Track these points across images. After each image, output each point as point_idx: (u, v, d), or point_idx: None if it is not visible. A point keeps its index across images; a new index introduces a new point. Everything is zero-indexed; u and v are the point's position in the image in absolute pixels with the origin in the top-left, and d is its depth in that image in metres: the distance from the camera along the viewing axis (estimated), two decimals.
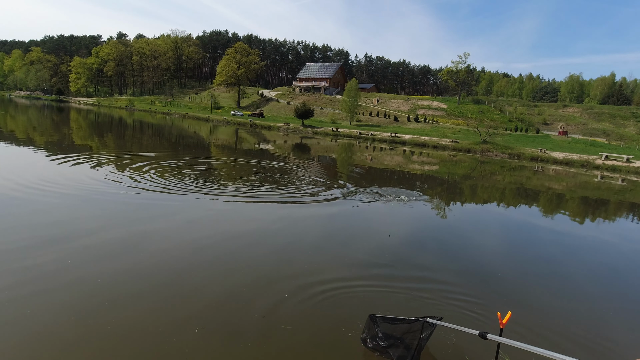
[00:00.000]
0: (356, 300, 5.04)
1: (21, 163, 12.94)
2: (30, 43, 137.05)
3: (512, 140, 41.26)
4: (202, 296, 4.85)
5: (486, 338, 2.94)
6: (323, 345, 4.06)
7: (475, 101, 68.03)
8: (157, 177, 11.73)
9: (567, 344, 4.44)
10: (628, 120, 54.33)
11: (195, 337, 3.95)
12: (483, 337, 2.96)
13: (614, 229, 11.20)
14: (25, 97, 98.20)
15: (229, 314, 4.47)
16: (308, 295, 5.04)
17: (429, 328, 3.73)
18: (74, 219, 7.39)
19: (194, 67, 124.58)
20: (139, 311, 4.39)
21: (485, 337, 2.95)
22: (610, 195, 17.77)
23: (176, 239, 6.81)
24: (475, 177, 20.71)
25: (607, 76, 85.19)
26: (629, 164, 28.67)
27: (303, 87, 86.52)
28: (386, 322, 3.87)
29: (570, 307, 5.52)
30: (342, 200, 10.90)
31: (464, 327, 3.34)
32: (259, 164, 17.21)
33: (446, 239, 8.45)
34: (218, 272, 5.65)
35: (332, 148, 31.36)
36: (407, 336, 3.76)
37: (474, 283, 5.96)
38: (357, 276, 5.81)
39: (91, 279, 5.04)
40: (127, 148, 19.75)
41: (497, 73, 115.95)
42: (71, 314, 4.19)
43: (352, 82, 59.24)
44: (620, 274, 7.31)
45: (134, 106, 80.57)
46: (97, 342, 3.76)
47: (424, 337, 3.73)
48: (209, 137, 33.13)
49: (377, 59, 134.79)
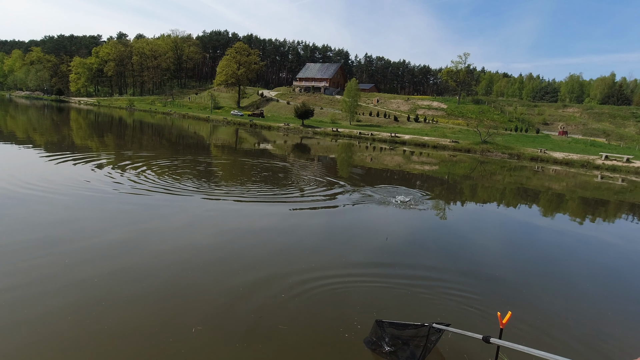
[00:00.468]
0: (355, 300, 5.02)
1: (19, 163, 12.92)
2: (30, 43, 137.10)
3: (512, 140, 41.25)
4: (199, 296, 4.83)
5: (489, 342, 2.95)
6: (320, 346, 4.04)
7: (475, 101, 68.02)
8: (155, 177, 11.72)
9: (570, 342, 4.42)
10: (628, 120, 54.31)
11: (192, 337, 3.93)
12: (486, 341, 2.97)
13: (614, 229, 11.17)
14: (25, 97, 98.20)
15: (226, 314, 4.45)
16: (306, 295, 5.02)
17: (436, 333, 3.71)
18: (72, 220, 7.37)
19: (194, 67, 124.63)
20: (136, 312, 4.37)
21: (488, 341, 2.96)
22: (610, 196, 17.74)
23: (175, 240, 6.79)
24: (475, 177, 20.69)
25: (607, 76, 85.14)
26: (629, 164, 28.66)
27: (303, 87, 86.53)
28: (392, 327, 3.87)
29: (570, 306, 5.50)
30: (342, 201, 10.89)
31: (468, 332, 3.34)
32: (260, 163, 17.19)
33: (446, 238, 8.43)
34: (217, 272, 5.63)
35: (332, 148, 31.34)
36: (413, 341, 3.75)
37: (474, 282, 5.94)
38: (356, 275, 5.79)
39: (90, 279, 5.02)
40: (126, 148, 19.73)
41: (497, 73, 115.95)
42: (68, 315, 4.17)
43: (352, 82, 59.23)
44: (621, 274, 7.29)
45: (134, 106, 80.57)
46: (95, 343, 3.74)
47: (431, 342, 3.71)
48: (209, 137, 33.12)
49: (377, 59, 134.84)
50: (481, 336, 3.04)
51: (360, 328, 4.32)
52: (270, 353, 3.82)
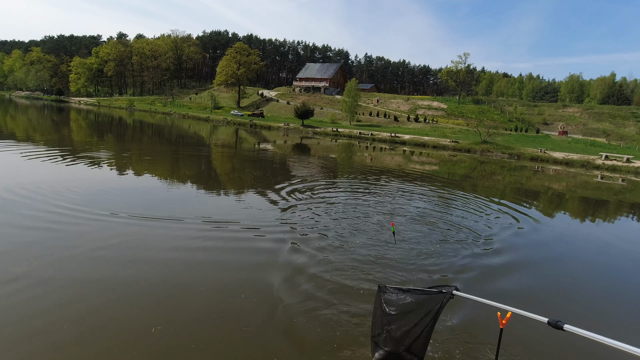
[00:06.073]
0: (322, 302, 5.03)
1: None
2: (30, 43, 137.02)
3: (512, 140, 41.24)
4: (154, 297, 4.85)
5: (563, 329, 2.28)
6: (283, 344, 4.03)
7: (475, 101, 68.02)
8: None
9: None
10: (628, 120, 54.31)
11: (152, 337, 3.93)
12: (559, 327, 2.29)
13: (614, 229, 11.26)
14: (25, 97, 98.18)
15: (188, 315, 4.44)
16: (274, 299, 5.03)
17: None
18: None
19: (194, 67, 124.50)
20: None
21: (562, 328, 2.28)
22: (609, 196, 17.80)
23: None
24: (475, 177, 20.69)
25: (607, 76, 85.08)
26: (629, 164, 28.67)
27: (303, 87, 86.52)
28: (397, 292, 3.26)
29: (569, 305, 5.51)
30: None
31: (531, 313, 2.51)
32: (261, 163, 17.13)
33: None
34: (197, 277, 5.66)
35: (332, 148, 31.34)
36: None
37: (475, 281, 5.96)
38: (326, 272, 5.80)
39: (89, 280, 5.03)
40: (126, 148, 19.73)
41: (497, 73, 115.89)
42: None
43: (352, 82, 59.23)
44: (619, 274, 7.31)
45: (134, 106, 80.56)
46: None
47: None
48: (209, 137, 33.11)
49: (377, 59, 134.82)
50: (546, 320, 2.37)
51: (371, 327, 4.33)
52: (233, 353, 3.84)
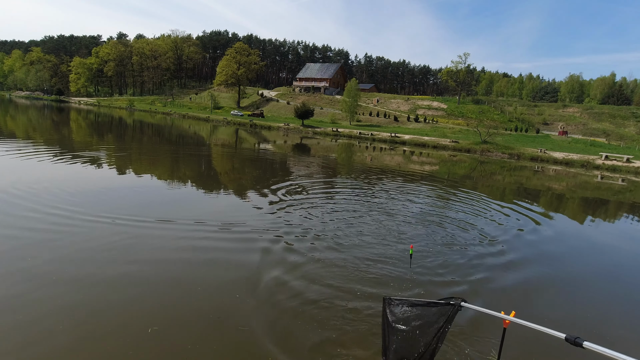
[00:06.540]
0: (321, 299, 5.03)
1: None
2: (30, 43, 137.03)
3: (512, 140, 41.24)
4: (160, 297, 4.85)
5: (582, 346, 2.04)
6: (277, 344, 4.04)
7: (475, 101, 68.01)
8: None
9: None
10: (628, 120, 54.30)
11: (148, 337, 3.95)
12: (578, 345, 2.05)
13: (614, 230, 11.27)
14: (25, 97, 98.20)
15: (184, 315, 4.44)
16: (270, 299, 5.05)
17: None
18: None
19: (194, 67, 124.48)
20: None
21: (581, 345, 2.04)
22: (610, 196, 17.82)
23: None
24: (476, 177, 20.69)
25: (607, 76, 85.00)
26: (629, 164, 28.67)
27: (303, 87, 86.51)
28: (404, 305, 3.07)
29: (571, 305, 5.51)
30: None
31: (547, 328, 2.26)
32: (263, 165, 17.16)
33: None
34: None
35: (332, 148, 31.35)
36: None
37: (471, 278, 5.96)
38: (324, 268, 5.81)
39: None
40: (126, 148, 19.73)
41: (497, 73, 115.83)
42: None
43: (352, 82, 59.22)
44: (620, 274, 7.32)
45: (134, 106, 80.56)
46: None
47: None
48: (208, 137, 33.12)
49: (377, 59, 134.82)
50: (564, 335, 2.13)
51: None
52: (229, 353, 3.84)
